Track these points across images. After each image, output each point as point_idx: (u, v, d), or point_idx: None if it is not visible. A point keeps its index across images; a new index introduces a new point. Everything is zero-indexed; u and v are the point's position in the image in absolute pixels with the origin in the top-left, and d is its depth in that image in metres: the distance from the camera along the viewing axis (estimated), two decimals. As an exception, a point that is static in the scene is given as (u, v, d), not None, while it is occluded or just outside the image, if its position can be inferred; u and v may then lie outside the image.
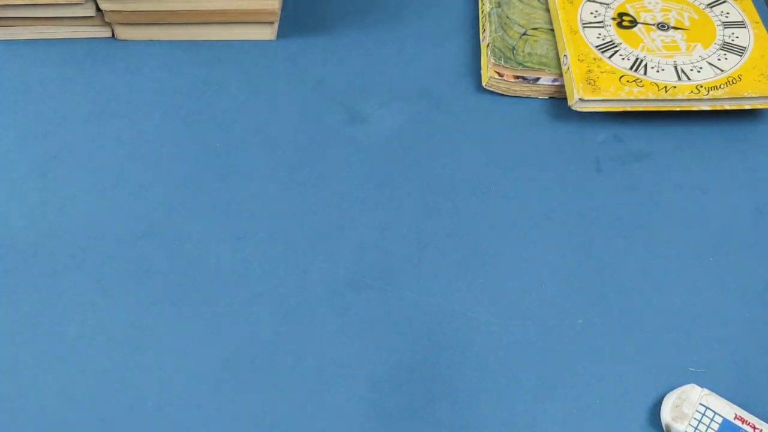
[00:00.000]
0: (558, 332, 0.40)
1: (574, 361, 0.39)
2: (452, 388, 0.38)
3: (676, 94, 0.47)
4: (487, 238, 0.44)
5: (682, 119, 0.50)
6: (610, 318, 0.41)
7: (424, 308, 0.41)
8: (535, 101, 0.51)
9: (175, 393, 0.37)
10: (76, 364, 0.38)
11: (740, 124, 0.50)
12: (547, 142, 0.49)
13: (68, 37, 0.54)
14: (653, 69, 0.49)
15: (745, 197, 0.46)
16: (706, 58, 0.50)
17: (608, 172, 0.47)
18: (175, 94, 0.51)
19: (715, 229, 0.45)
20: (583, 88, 0.47)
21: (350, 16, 0.56)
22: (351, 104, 0.50)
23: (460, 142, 0.48)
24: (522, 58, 0.50)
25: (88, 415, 0.37)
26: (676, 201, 0.46)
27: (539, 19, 0.53)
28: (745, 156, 0.48)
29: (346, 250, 0.43)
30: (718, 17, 0.53)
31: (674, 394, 0.37)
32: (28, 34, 0.53)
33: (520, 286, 0.42)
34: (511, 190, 0.46)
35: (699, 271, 0.43)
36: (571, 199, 0.46)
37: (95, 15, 0.52)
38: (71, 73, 0.52)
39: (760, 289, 0.42)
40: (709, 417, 0.36)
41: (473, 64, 0.53)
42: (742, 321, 0.41)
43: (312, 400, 0.37)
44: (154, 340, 0.39)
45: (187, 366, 0.38)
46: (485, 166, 0.47)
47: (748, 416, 0.36)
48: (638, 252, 0.43)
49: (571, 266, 0.43)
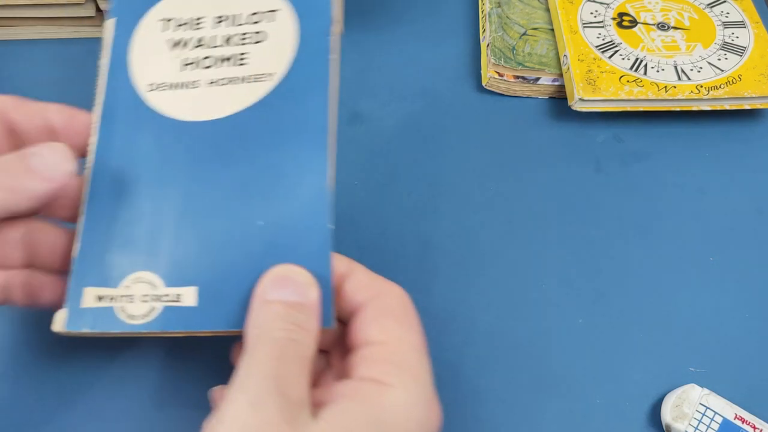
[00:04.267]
0: (558, 332, 0.40)
1: (574, 361, 0.39)
2: (451, 388, 0.38)
3: (676, 94, 0.47)
4: (487, 237, 0.44)
5: (682, 119, 0.50)
6: (610, 318, 0.41)
7: (425, 308, 0.41)
8: (535, 101, 0.51)
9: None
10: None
11: (740, 124, 0.50)
12: (547, 142, 0.49)
13: (68, 37, 0.53)
14: (653, 69, 0.49)
15: (745, 197, 0.46)
16: (706, 58, 0.50)
17: (608, 172, 0.47)
18: (175, 94, 0.51)
19: (715, 229, 0.45)
20: (583, 88, 0.47)
21: (350, 16, 0.56)
22: (351, 104, 0.50)
23: (460, 141, 0.48)
24: (522, 58, 0.50)
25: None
26: (676, 201, 0.46)
27: (539, 19, 0.53)
28: (745, 156, 0.48)
29: (346, 250, 0.43)
30: (718, 17, 0.53)
31: (674, 394, 0.37)
32: (28, 34, 0.53)
33: (520, 286, 0.42)
34: (510, 189, 0.46)
35: (699, 271, 0.43)
36: (571, 199, 0.46)
37: (95, 15, 0.52)
38: (71, 73, 0.52)
39: (760, 289, 0.42)
40: (709, 417, 0.36)
41: (473, 64, 0.53)
42: (742, 321, 0.41)
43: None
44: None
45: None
46: (485, 166, 0.47)
47: (748, 416, 0.36)
48: (638, 252, 0.43)
49: (571, 266, 0.43)
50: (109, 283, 0.32)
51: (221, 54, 0.35)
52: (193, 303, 0.31)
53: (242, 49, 0.35)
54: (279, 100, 0.34)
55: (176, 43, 0.36)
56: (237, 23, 0.36)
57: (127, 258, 0.32)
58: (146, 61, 0.36)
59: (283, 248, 0.31)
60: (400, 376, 0.28)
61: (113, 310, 0.31)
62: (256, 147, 0.33)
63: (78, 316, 0.31)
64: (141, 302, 0.31)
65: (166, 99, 0.35)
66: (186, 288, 0.31)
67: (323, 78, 0.34)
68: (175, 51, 0.36)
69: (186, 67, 0.35)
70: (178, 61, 0.36)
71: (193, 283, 0.31)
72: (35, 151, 0.31)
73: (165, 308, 0.31)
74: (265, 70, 0.35)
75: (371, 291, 0.31)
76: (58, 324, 0.31)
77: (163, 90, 0.35)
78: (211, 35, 0.36)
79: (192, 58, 0.36)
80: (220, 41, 0.36)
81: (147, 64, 0.36)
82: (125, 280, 0.32)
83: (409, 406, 0.27)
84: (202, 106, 0.34)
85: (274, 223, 0.32)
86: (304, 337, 0.28)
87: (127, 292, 0.31)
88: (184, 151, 0.34)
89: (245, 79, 0.35)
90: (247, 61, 0.35)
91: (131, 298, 0.31)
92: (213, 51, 0.36)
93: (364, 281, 0.31)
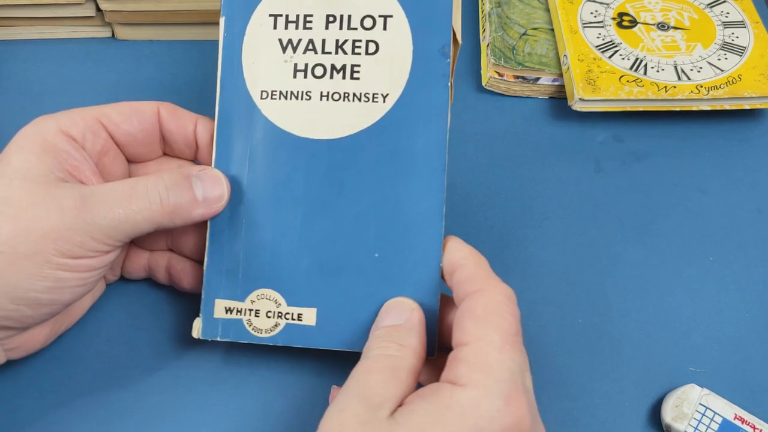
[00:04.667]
0: (558, 332, 0.40)
1: (573, 361, 0.39)
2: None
3: (676, 94, 0.47)
4: (486, 237, 0.44)
5: (682, 119, 0.50)
6: (610, 318, 0.41)
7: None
8: (535, 101, 0.51)
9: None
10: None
11: (740, 124, 0.50)
12: (547, 142, 0.49)
13: (68, 37, 0.54)
14: (653, 69, 0.49)
15: (745, 197, 0.46)
16: (706, 57, 0.50)
17: (608, 172, 0.47)
18: (176, 95, 0.51)
19: (715, 229, 0.45)
20: (583, 88, 0.47)
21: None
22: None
23: (460, 141, 0.48)
24: (522, 58, 0.50)
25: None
26: (676, 201, 0.46)
27: (539, 19, 0.53)
28: (745, 156, 0.48)
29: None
30: (718, 17, 0.53)
31: (674, 394, 0.37)
32: (28, 34, 0.53)
33: (520, 286, 0.42)
34: (510, 189, 0.46)
35: (699, 271, 0.43)
36: (571, 199, 0.46)
37: (95, 15, 0.52)
38: (71, 73, 0.52)
39: (760, 289, 0.42)
40: (709, 417, 0.36)
41: (473, 64, 0.53)
42: (742, 321, 0.41)
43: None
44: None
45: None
46: (485, 166, 0.47)
47: (748, 416, 0.36)
48: (638, 252, 0.43)
49: (571, 266, 0.43)
50: (237, 296, 0.35)
51: (333, 63, 0.35)
52: (312, 323, 0.34)
53: (354, 60, 0.34)
54: (394, 126, 0.34)
55: (287, 44, 0.35)
56: (349, 26, 0.35)
57: (251, 274, 0.34)
58: (258, 64, 0.35)
59: (396, 280, 0.33)
60: (471, 374, 0.28)
61: (242, 323, 0.35)
62: (372, 176, 0.34)
63: (211, 325, 0.35)
64: (266, 317, 0.34)
65: (279, 109, 0.35)
66: (306, 309, 0.34)
67: (441, 108, 0.34)
68: (287, 53, 0.35)
69: (298, 74, 0.35)
70: (289, 66, 0.35)
71: (313, 305, 0.34)
72: (199, 176, 0.34)
73: (287, 324, 0.34)
74: (378, 89, 0.34)
75: (471, 287, 0.31)
76: (195, 331, 0.35)
77: (276, 99, 0.35)
78: (321, 38, 0.35)
79: (303, 63, 0.35)
80: (331, 46, 0.35)
81: (259, 68, 0.35)
82: (251, 295, 0.34)
83: (477, 403, 0.27)
84: (317, 123, 0.34)
85: (390, 256, 0.34)
86: (399, 352, 0.30)
87: (253, 306, 0.34)
88: (303, 171, 0.34)
89: (358, 96, 0.34)
90: (359, 75, 0.34)
91: (257, 313, 0.34)
92: (324, 58, 0.35)
93: (466, 276, 0.32)
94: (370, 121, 0.34)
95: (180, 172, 0.33)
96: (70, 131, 0.33)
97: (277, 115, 0.35)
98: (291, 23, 0.35)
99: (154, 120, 0.36)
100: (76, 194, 0.31)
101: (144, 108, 0.36)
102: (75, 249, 0.31)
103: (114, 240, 0.32)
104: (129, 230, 0.32)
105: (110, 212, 0.31)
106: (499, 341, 0.29)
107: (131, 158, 0.37)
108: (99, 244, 0.31)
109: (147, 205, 0.32)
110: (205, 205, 0.33)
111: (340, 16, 0.35)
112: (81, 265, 0.32)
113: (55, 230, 0.30)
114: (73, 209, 0.31)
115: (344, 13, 0.35)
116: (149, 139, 0.36)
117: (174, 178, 0.33)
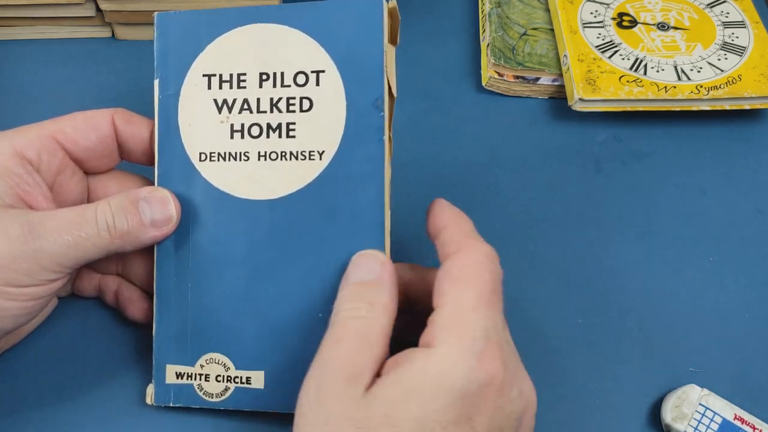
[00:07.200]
0: (558, 332, 0.40)
1: (573, 361, 0.39)
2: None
3: (676, 94, 0.47)
4: (486, 237, 0.44)
5: (682, 119, 0.50)
6: (610, 318, 0.41)
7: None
8: (535, 101, 0.51)
9: None
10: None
11: (740, 124, 0.50)
12: (547, 142, 0.49)
13: (68, 37, 0.54)
14: (653, 69, 0.49)
15: (745, 197, 0.46)
16: (706, 58, 0.50)
17: (608, 172, 0.47)
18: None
19: (715, 229, 0.45)
20: (583, 88, 0.47)
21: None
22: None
23: (460, 141, 0.48)
24: (522, 58, 0.50)
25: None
26: (676, 201, 0.46)
27: (539, 19, 0.53)
28: (745, 156, 0.48)
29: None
30: (718, 17, 0.53)
31: (674, 394, 0.37)
32: (28, 34, 0.53)
33: (520, 286, 0.42)
34: (510, 189, 0.46)
35: (699, 271, 0.43)
36: (571, 199, 0.46)
37: (95, 15, 0.52)
38: (71, 73, 0.52)
39: (760, 289, 0.42)
40: (709, 417, 0.36)
41: (473, 64, 0.53)
42: (742, 321, 0.41)
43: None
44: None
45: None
46: (485, 166, 0.47)
47: (748, 416, 0.36)
48: (638, 252, 0.43)
49: (571, 266, 0.43)
50: (187, 361, 0.35)
51: (269, 122, 0.34)
52: (261, 386, 0.34)
53: (290, 118, 0.34)
54: (332, 183, 0.33)
55: (222, 104, 0.35)
56: (282, 84, 0.34)
57: (199, 339, 0.35)
58: (195, 125, 0.35)
59: None
60: (445, 335, 0.28)
61: (193, 388, 0.35)
62: (314, 236, 0.33)
63: (164, 391, 0.35)
64: (216, 382, 0.34)
65: (218, 171, 0.35)
66: (254, 372, 0.34)
67: (377, 162, 0.33)
68: (222, 114, 0.35)
69: (235, 135, 0.34)
70: (226, 127, 0.35)
71: (261, 368, 0.34)
72: (147, 198, 0.33)
73: (236, 388, 0.34)
74: (314, 147, 0.34)
75: (450, 248, 0.31)
76: (148, 398, 0.35)
77: (215, 161, 0.35)
78: (256, 96, 0.34)
79: (239, 124, 0.34)
80: (266, 105, 0.34)
81: (196, 130, 0.35)
82: (200, 360, 0.35)
83: (451, 364, 0.27)
84: (256, 183, 0.34)
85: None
86: (370, 312, 0.30)
87: (203, 371, 0.35)
88: (245, 233, 0.34)
89: (295, 155, 0.34)
90: (295, 133, 0.34)
91: (207, 377, 0.34)
92: (260, 117, 0.34)
93: (447, 238, 0.32)
94: (308, 179, 0.34)
95: (127, 196, 0.33)
96: (25, 153, 0.33)
97: (216, 177, 0.34)
98: (225, 83, 0.35)
99: (110, 130, 0.35)
100: (23, 220, 0.31)
101: (100, 118, 0.35)
102: (21, 277, 0.30)
103: (62, 267, 0.31)
104: (78, 257, 0.31)
105: (59, 238, 0.31)
106: (474, 300, 0.29)
107: (89, 171, 0.37)
108: (47, 272, 0.31)
109: (95, 232, 0.31)
110: (155, 228, 0.33)
111: (273, 74, 0.34)
112: (25, 294, 0.31)
113: (0, 258, 0.30)
114: (21, 236, 0.30)
115: (277, 71, 0.34)
116: (107, 151, 0.36)
117: (121, 204, 0.32)
